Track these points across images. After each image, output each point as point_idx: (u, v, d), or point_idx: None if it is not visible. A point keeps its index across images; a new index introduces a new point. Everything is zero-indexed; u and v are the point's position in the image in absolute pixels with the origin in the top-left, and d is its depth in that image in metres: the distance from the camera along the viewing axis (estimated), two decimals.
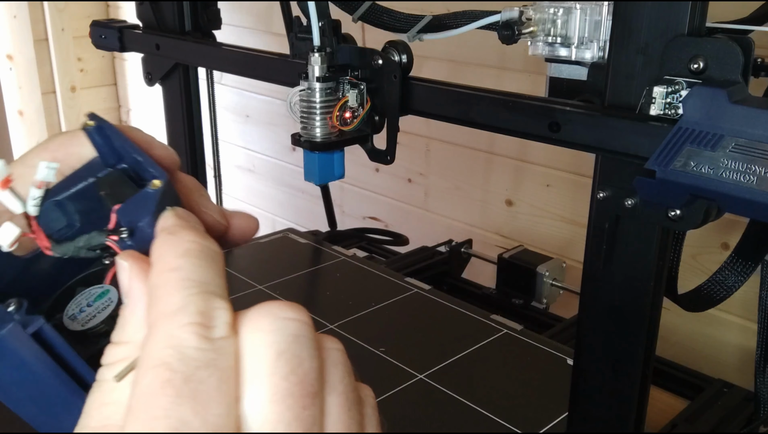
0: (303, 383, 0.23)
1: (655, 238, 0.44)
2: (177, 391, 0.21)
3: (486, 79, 1.13)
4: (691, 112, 0.39)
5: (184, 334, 0.21)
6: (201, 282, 0.23)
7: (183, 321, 0.22)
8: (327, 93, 0.55)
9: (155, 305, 0.23)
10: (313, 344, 0.24)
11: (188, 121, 0.88)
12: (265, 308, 0.23)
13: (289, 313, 0.24)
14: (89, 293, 0.29)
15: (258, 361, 0.22)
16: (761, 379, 0.59)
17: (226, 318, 0.22)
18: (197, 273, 0.23)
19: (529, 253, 0.90)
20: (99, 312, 0.28)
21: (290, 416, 0.22)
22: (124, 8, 1.97)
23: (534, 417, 0.61)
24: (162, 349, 0.21)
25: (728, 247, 0.91)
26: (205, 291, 0.23)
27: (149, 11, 0.83)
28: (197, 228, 0.25)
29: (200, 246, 0.24)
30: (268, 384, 0.22)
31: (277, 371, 0.22)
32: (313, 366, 0.23)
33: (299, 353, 0.23)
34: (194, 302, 0.22)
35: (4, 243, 0.26)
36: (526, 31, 0.49)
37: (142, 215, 0.25)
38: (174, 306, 0.22)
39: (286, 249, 0.95)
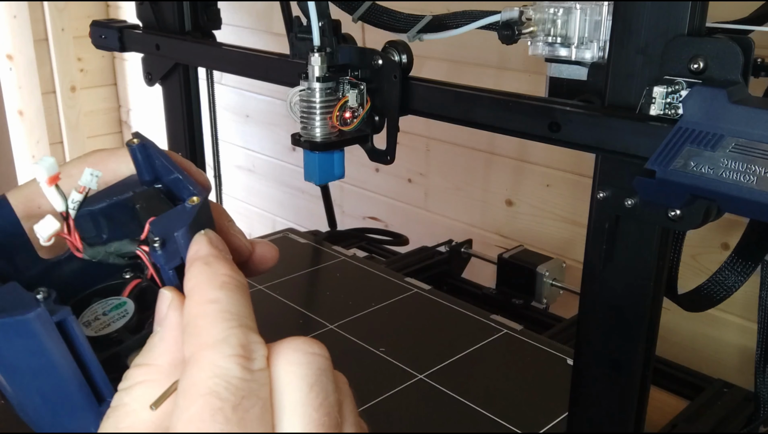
0: (330, 414, 0.24)
1: (655, 238, 0.44)
2: (226, 418, 0.22)
3: (486, 79, 1.13)
4: (691, 112, 0.39)
5: (230, 365, 0.23)
6: (238, 315, 0.24)
7: (227, 352, 0.23)
8: (327, 93, 0.55)
9: (196, 335, 0.24)
10: (333, 378, 0.26)
11: (188, 121, 0.88)
12: (294, 343, 0.25)
13: (316, 349, 0.25)
14: (105, 303, 0.30)
15: (292, 393, 0.24)
16: (761, 379, 0.59)
17: (263, 351, 0.24)
18: (234, 306, 0.24)
19: (529, 253, 0.90)
20: (114, 322, 0.29)
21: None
22: (124, 8, 1.97)
23: (534, 417, 0.61)
24: (209, 378, 0.22)
25: (728, 247, 0.91)
26: (243, 325, 0.24)
27: (149, 11, 0.83)
28: (229, 259, 0.26)
29: (235, 280, 0.25)
30: (302, 414, 0.24)
31: (309, 402, 0.24)
32: (337, 399, 0.25)
33: (326, 386, 0.25)
34: (235, 334, 0.23)
35: (43, 235, 0.27)
36: (526, 31, 0.49)
37: (177, 226, 0.26)
38: (217, 337, 0.23)
39: (286, 249, 0.95)
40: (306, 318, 0.77)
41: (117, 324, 0.29)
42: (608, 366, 0.49)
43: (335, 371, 0.27)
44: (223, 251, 0.26)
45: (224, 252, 0.26)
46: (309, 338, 0.26)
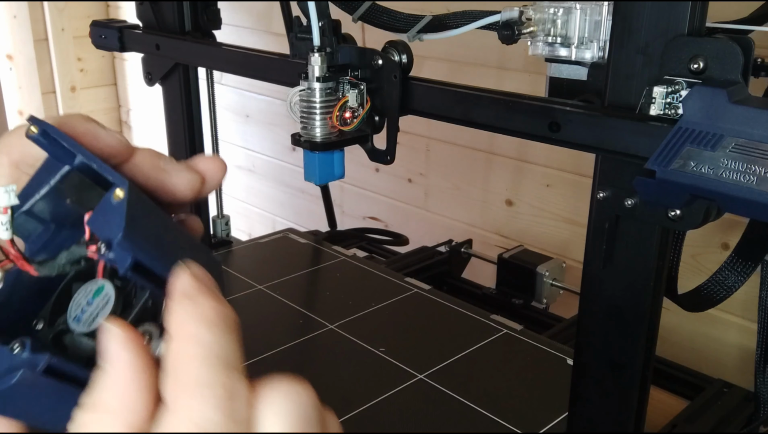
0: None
1: (655, 238, 0.44)
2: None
3: (486, 79, 1.13)
4: (691, 112, 0.39)
5: (211, 412, 0.22)
6: (224, 357, 0.23)
7: (209, 398, 0.22)
8: (327, 93, 0.55)
9: (177, 378, 0.22)
10: (321, 417, 0.25)
11: (188, 121, 0.88)
12: (280, 388, 0.24)
13: (302, 393, 0.25)
14: (86, 290, 0.29)
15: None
16: (761, 379, 0.59)
17: (246, 395, 0.23)
18: (220, 346, 0.23)
19: (529, 253, 0.90)
20: (100, 310, 0.28)
21: None
22: (124, 8, 1.97)
23: (534, 417, 0.61)
24: (190, 426, 0.21)
25: (728, 247, 0.91)
26: (229, 367, 0.23)
27: (149, 11, 0.83)
28: (215, 293, 0.25)
29: (220, 315, 0.24)
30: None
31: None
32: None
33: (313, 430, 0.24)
34: (219, 379, 0.22)
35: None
36: (526, 31, 0.49)
37: (114, 231, 0.25)
38: (199, 381, 0.22)
39: (286, 249, 0.95)
40: (306, 318, 0.77)
41: (104, 312, 0.28)
42: (608, 366, 0.49)
43: (324, 409, 0.26)
44: (209, 283, 0.25)
45: (210, 284, 0.25)
46: (295, 381, 0.25)
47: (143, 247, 0.25)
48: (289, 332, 0.74)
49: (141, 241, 0.25)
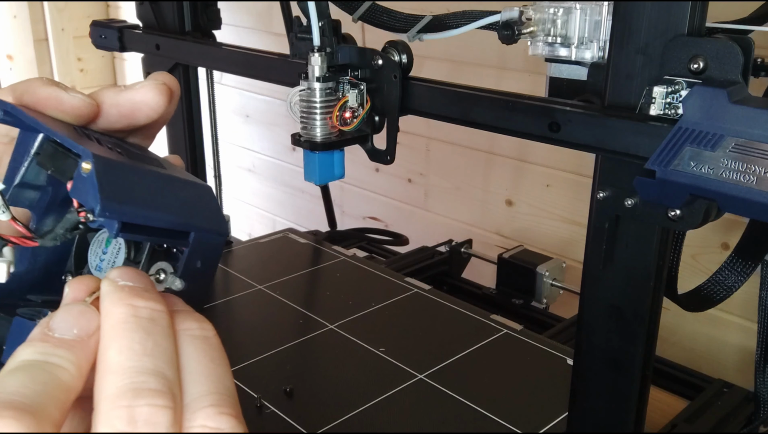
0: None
1: (655, 238, 0.44)
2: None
3: (486, 79, 1.13)
4: (691, 112, 0.39)
5: (116, 421, 0.22)
6: (142, 359, 0.23)
7: (122, 404, 0.22)
8: (327, 93, 0.55)
9: (98, 385, 0.23)
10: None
11: (188, 121, 0.88)
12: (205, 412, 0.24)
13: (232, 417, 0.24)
14: (99, 239, 0.30)
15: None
16: (761, 379, 0.59)
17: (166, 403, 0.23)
18: (141, 347, 0.23)
19: (529, 253, 0.90)
20: (116, 257, 0.29)
21: None
22: (124, 8, 1.97)
23: (534, 417, 0.61)
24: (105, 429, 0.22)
25: (728, 247, 0.91)
26: (145, 371, 0.23)
27: (149, 11, 0.83)
28: (140, 290, 0.25)
29: (147, 315, 0.24)
30: None
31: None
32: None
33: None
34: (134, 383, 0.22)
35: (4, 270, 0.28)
36: (526, 31, 0.49)
37: (92, 201, 0.25)
38: (115, 386, 0.22)
39: (286, 249, 0.95)
40: (306, 318, 0.77)
41: (120, 258, 0.29)
42: (608, 366, 0.49)
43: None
44: (136, 281, 0.25)
45: (138, 281, 0.25)
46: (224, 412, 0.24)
47: (126, 209, 0.26)
48: (289, 332, 0.74)
49: (122, 204, 0.25)
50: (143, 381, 0.22)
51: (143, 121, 0.31)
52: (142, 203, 0.26)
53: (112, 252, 0.29)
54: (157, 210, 0.27)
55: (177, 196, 0.28)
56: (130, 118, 0.31)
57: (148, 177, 0.28)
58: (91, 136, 0.29)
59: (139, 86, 0.31)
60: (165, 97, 0.31)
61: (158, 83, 0.31)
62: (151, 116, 0.31)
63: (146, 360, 0.23)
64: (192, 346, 0.25)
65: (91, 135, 0.29)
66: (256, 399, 0.62)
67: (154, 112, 0.31)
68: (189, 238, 0.28)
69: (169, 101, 0.31)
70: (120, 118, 0.31)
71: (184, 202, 0.28)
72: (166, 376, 0.23)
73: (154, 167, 0.29)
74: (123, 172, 0.26)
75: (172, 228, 0.27)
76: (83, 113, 0.30)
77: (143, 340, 0.23)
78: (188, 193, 0.29)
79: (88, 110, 0.30)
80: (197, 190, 0.30)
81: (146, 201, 0.27)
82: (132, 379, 0.22)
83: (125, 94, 0.31)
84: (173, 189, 0.29)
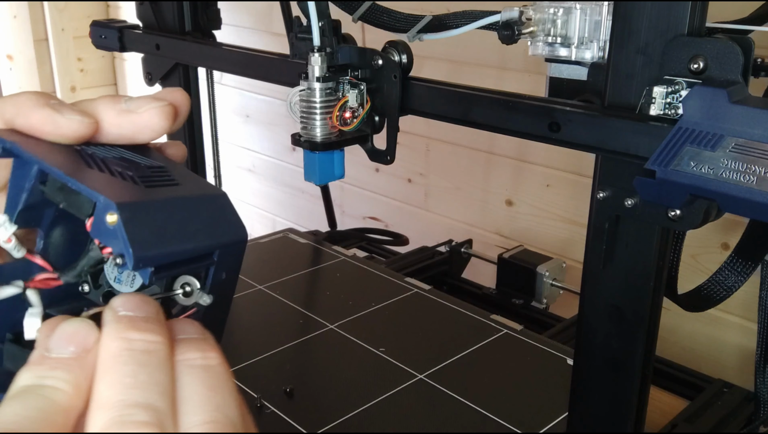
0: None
1: (655, 238, 0.44)
2: None
3: (486, 79, 1.13)
4: (691, 112, 0.39)
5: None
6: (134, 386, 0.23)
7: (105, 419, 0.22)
8: (327, 93, 0.55)
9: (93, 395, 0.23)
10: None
11: (188, 121, 0.88)
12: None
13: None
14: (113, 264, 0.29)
15: None
16: (761, 379, 0.59)
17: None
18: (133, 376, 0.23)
19: (529, 253, 0.90)
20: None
21: None
22: (124, 8, 1.97)
23: (534, 417, 0.61)
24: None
25: (728, 247, 0.91)
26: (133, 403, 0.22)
27: (149, 11, 0.83)
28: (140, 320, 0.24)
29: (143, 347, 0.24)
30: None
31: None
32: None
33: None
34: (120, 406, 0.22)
35: (32, 334, 0.26)
36: (526, 31, 0.49)
37: (122, 249, 0.24)
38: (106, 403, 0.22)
39: (286, 249, 0.95)
40: (306, 318, 0.77)
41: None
42: (608, 366, 0.49)
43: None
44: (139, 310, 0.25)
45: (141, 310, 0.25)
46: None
47: (156, 253, 0.25)
48: (289, 332, 0.74)
49: (152, 249, 0.25)
50: (130, 413, 0.22)
51: (144, 141, 0.30)
52: (171, 239, 0.26)
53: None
54: (184, 241, 0.26)
55: (199, 218, 0.27)
56: (131, 139, 0.29)
57: (171, 207, 0.27)
58: (94, 157, 0.28)
59: (144, 109, 0.29)
60: (170, 121, 0.29)
61: (163, 105, 0.29)
62: (153, 137, 0.30)
63: (135, 393, 0.22)
64: (190, 376, 0.24)
65: (94, 156, 0.28)
66: (256, 399, 0.62)
67: (157, 134, 0.30)
68: (213, 256, 0.27)
69: (173, 122, 0.30)
70: (120, 138, 0.29)
71: (207, 220, 0.28)
72: (157, 408, 0.22)
73: (169, 187, 0.28)
74: (148, 213, 0.25)
75: (198, 255, 0.27)
76: (82, 135, 0.28)
77: (135, 373, 0.23)
78: (208, 209, 0.28)
79: (87, 131, 0.28)
80: (215, 202, 0.29)
81: (174, 235, 0.26)
82: (119, 412, 0.22)
83: (129, 117, 0.29)
84: (195, 211, 0.28)
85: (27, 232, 0.29)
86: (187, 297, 0.28)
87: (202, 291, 0.27)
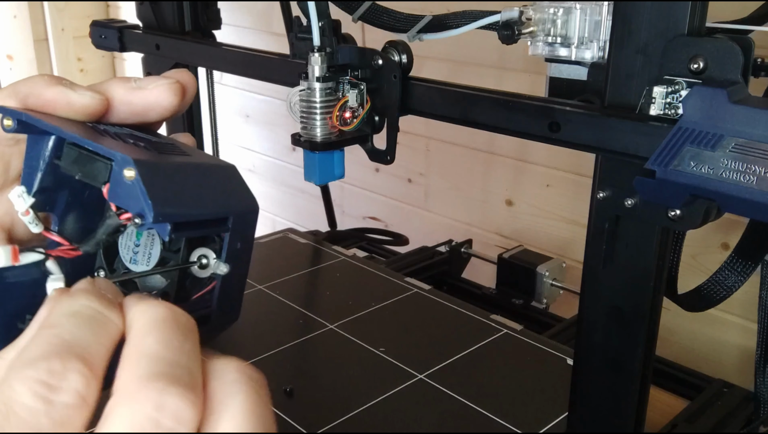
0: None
1: (655, 238, 0.44)
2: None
3: (486, 79, 1.13)
4: (691, 112, 0.39)
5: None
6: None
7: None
8: (327, 93, 0.55)
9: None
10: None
11: (188, 121, 0.88)
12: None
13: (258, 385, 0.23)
14: (128, 232, 0.29)
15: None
16: (761, 379, 0.59)
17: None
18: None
19: (529, 253, 0.90)
20: (151, 248, 0.29)
21: None
22: (124, 8, 1.97)
23: (534, 417, 0.61)
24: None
25: (728, 247, 0.91)
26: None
27: (149, 11, 0.83)
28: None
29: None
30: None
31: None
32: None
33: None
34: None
35: (55, 284, 0.27)
36: (526, 31, 0.49)
37: (142, 207, 0.24)
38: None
39: (286, 249, 0.95)
40: (306, 318, 0.77)
41: (155, 249, 0.29)
42: (608, 366, 0.49)
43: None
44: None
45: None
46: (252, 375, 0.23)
47: (174, 210, 0.25)
48: (289, 332, 0.74)
49: (171, 206, 0.25)
50: (180, 374, 0.21)
51: (155, 119, 0.31)
52: (187, 200, 0.26)
53: (145, 244, 0.29)
54: (199, 203, 0.27)
55: (212, 184, 0.28)
56: (141, 116, 0.30)
57: (184, 170, 0.27)
58: (107, 132, 0.28)
59: (153, 86, 0.30)
60: (179, 97, 0.30)
61: (172, 82, 0.30)
62: (163, 115, 0.31)
63: (183, 357, 0.22)
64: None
65: (107, 131, 0.28)
66: None
67: (167, 111, 0.31)
68: (228, 223, 0.28)
69: (182, 100, 0.31)
70: (130, 115, 0.30)
71: (219, 187, 0.28)
72: (197, 378, 0.22)
73: (182, 156, 0.28)
74: (163, 172, 0.26)
75: (213, 218, 0.27)
76: (94, 111, 0.29)
77: (182, 340, 0.22)
78: (220, 177, 0.29)
79: (99, 107, 0.29)
80: (226, 171, 0.29)
81: (189, 196, 0.26)
82: (169, 368, 0.21)
83: (139, 94, 0.30)
84: (208, 177, 0.28)
85: (42, 218, 0.29)
86: (204, 269, 0.28)
87: (219, 261, 0.28)
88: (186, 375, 0.21)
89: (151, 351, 0.22)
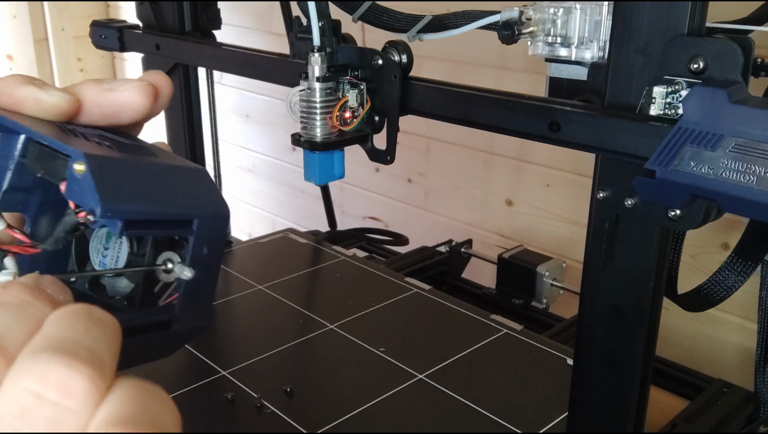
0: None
1: (655, 238, 0.44)
2: None
3: (486, 79, 1.13)
4: (691, 112, 0.39)
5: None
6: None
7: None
8: (327, 93, 0.55)
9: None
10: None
11: (188, 121, 0.88)
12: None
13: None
14: (98, 236, 0.29)
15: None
16: (761, 379, 0.59)
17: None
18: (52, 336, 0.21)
19: (529, 253, 0.90)
20: (119, 252, 0.29)
21: None
22: (124, 8, 1.97)
23: (534, 417, 0.61)
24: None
25: (728, 247, 0.91)
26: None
27: (149, 11, 0.83)
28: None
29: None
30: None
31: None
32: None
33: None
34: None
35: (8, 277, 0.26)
36: (526, 31, 0.49)
37: (91, 202, 0.24)
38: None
39: (286, 249, 0.95)
40: (306, 318, 0.77)
41: (123, 252, 0.28)
42: (608, 366, 0.49)
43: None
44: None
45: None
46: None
47: (127, 206, 0.25)
48: (289, 332, 0.74)
49: (122, 202, 0.25)
50: (76, 349, 0.20)
51: (127, 121, 0.30)
52: (142, 197, 0.26)
53: (114, 248, 0.29)
54: (157, 202, 0.26)
55: (175, 185, 0.28)
56: (112, 118, 0.30)
57: (144, 169, 0.27)
58: (75, 131, 0.28)
59: (123, 87, 0.30)
60: (150, 100, 0.30)
61: (144, 84, 0.30)
62: (135, 117, 0.30)
63: (86, 339, 0.21)
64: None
65: (75, 130, 0.28)
66: (256, 399, 0.62)
67: (139, 114, 0.30)
68: (193, 226, 0.28)
69: (154, 102, 0.30)
70: (102, 117, 0.30)
71: (183, 189, 0.28)
72: (101, 359, 0.21)
73: (147, 157, 0.28)
74: (117, 168, 0.26)
75: (175, 219, 0.27)
76: (64, 111, 0.28)
77: (89, 326, 0.22)
78: (186, 180, 0.28)
79: (69, 107, 0.29)
80: (194, 174, 0.29)
81: (146, 194, 0.26)
82: (62, 344, 0.20)
83: (109, 95, 0.29)
84: (170, 178, 0.28)
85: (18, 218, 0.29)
86: (169, 273, 0.28)
87: (183, 265, 0.27)
88: (84, 352, 0.20)
89: (49, 332, 0.21)
